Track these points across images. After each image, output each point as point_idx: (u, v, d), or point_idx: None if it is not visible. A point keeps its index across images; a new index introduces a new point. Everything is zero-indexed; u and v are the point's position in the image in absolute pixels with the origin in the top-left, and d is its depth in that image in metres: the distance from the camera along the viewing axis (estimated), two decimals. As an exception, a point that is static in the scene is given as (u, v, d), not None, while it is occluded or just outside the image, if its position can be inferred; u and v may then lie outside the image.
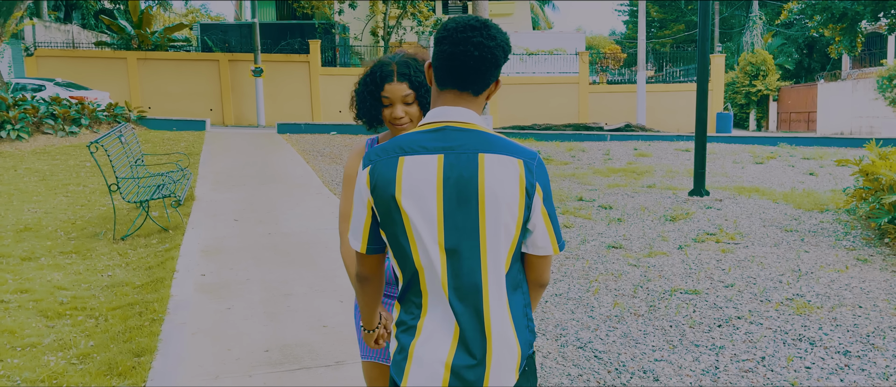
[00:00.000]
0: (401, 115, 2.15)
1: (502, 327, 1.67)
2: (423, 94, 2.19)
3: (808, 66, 37.38)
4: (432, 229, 1.62)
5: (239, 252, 6.24)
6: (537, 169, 1.66)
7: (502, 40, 1.67)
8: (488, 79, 1.68)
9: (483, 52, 1.63)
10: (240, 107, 24.50)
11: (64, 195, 9.37)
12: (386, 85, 2.15)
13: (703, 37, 9.73)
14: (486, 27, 1.65)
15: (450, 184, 1.60)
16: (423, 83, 2.18)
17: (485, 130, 1.68)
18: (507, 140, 1.68)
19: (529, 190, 1.64)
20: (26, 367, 3.84)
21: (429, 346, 1.67)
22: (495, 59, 1.66)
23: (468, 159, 1.61)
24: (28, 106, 14.58)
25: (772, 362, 4.05)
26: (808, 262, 6.28)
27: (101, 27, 29.96)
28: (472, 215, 1.61)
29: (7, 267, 5.88)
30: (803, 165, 13.84)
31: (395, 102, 2.16)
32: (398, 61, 2.18)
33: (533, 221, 1.66)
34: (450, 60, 1.64)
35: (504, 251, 1.65)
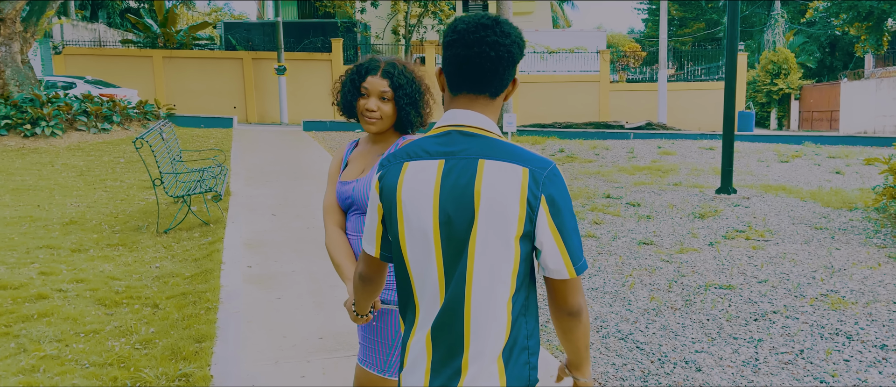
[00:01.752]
0: (373, 108, 2.24)
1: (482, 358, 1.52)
2: (401, 96, 2.26)
3: (831, 64, 37.08)
4: (427, 238, 1.53)
5: (280, 245, 6.42)
6: (547, 179, 1.50)
7: (516, 37, 1.57)
8: (506, 79, 1.58)
9: (499, 51, 1.53)
10: (263, 104, 24.77)
11: (103, 190, 9.61)
12: (368, 77, 2.27)
13: (731, 35, 9.78)
14: (498, 24, 1.55)
15: (446, 191, 1.51)
16: (403, 86, 2.26)
17: (494, 135, 1.56)
18: (517, 147, 1.55)
19: (531, 201, 1.48)
20: (93, 351, 4.03)
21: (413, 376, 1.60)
22: (512, 58, 1.56)
23: (467, 165, 1.51)
24: (61, 103, 14.89)
25: (810, 355, 4.15)
26: (839, 259, 6.35)
27: (126, 26, 30.41)
28: (469, 227, 1.49)
29: (60, 258, 6.09)
30: (829, 163, 13.83)
31: (372, 94, 2.25)
32: (386, 60, 2.30)
33: (540, 238, 1.49)
34: (464, 64, 1.53)
35: (506, 269, 1.50)
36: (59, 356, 3.96)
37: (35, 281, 5.33)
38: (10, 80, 15.20)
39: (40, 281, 5.33)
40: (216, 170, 8.30)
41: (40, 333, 4.29)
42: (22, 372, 3.76)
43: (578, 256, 1.51)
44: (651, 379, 3.80)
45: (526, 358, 1.56)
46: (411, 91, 2.28)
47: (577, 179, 11.48)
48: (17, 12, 15.08)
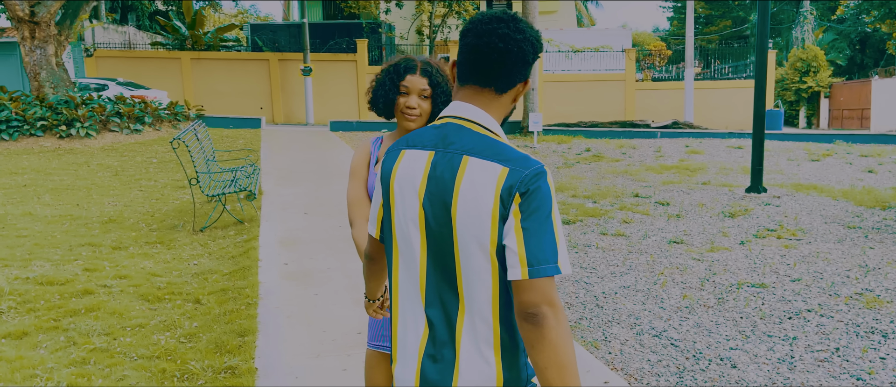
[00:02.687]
0: (414, 105, 2.34)
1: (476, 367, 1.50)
2: (439, 94, 2.37)
3: (862, 62, 36.48)
4: (413, 228, 1.54)
5: (315, 243, 6.53)
6: (526, 179, 1.44)
7: (532, 35, 1.54)
8: (514, 75, 1.54)
9: (508, 44, 1.50)
10: (289, 105, 25.03)
11: (138, 189, 9.82)
12: (408, 75, 2.36)
13: (761, 33, 9.72)
14: (514, 20, 1.53)
15: (431, 184, 1.51)
16: (440, 84, 2.37)
17: (488, 132, 1.53)
18: (507, 147, 1.50)
19: (504, 199, 1.43)
20: (140, 344, 4.16)
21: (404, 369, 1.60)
22: (522, 54, 1.52)
23: (452, 160, 1.50)
24: (95, 105, 15.21)
25: (846, 353, 4.15)
26: (874, 258, 6.30)
27: (155, 28, 30.91)
28: (448, 222, 1.48)
29: (102, 255, 6.27)
30: (861, 162, 13.65)
31: (412, 92, 2.35)
32: (423, 60, 2.41)
33: (508, 238, 1.43)
34: (473, 53, 1.52)
35: (485, 270, 1.47)
36: (108, 349, 4.10)
37: (80, 277, 5.49)
38: (44, 82, 15.56)
39: (85, 277, 5.50)
40: (249, 169, 8.45)
41: (88, 327, 4.43)
42: (73, 364, 3.90)
43: (539, 259, 1.41)
44: (686, 375, 3.84)
45: (524, 360, 1.53)
46: (447, 88, 2.40)
47: (604, 178, 11.48)
48: (51, 16, 15.43)
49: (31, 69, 15.58)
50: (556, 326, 1.40)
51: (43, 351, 4.09)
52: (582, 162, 13.57)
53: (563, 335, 1.40)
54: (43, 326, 4.47)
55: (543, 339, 1.39)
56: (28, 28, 15.29)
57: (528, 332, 1.40)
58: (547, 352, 1.39)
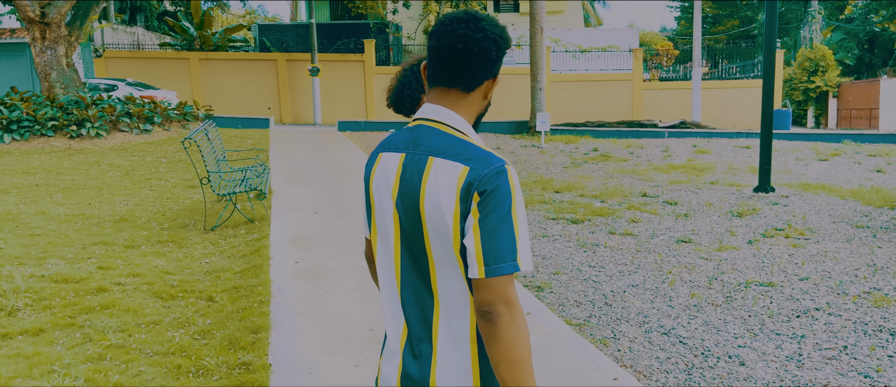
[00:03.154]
0: None
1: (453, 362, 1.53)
2: None
3: (870, 61, 36.33)
4: (388, 229, 1.59)
5: (325, 242, 6.59)
6: (485, 177, 1.45)
7: (493, 33, 1.55)
8: (478, 74, 1.56)
9: (468, 44, 1.52)
10: (297, 105, 25.12)
11: (148, 189, 9.90)
12: None
13: (769, 32, 9.73)
14: (474, 19, 1.54)
15: (402, 186, 1.54)
16: None
17: (455, 131, 1.56)
18: (471, 146, 1.52)
19: (464, 197, 1.46)
20: (155, 341, 4.22)
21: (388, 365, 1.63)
22: (483, 53, 1.54)
23: (419, 161, 1.53)
24: (105, 105, 15.32)
25: (854, 351, 4.17)
26: (882, 257, 6.32)
27: (163, 29, 31.07)
28: (419, 222, 1.52)
29: (115, 254, 6.34)
30: (869, 162, 13.63)
31: None
32: None
33: (468, 236, 1.45)
34: (436, 55, 1.56)
35: (453, 270, 1.51)
36: (123, 345, 4.16)
37: (94, 275, 5.56)
38: (55, 82, 15.68)
39: (99, 275, 5.57)
40: (259, 169, 8.52)
41: (104, 323, 4.50)
42: (90, 360, 3.96)
43: (496, 257, 1.42)
44: (695, 372, 3.87)
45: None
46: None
47: (612, 178, 11.50)
48: (61, 17, 15.55)
49: (42, 70, 15.70)
50: (511, 323, 1.42)
51: (60, 347, 4.16)
52: (589, 162, 13.59)
53: (516, 333, 1.42)
54: (59, 322, 4.54)
55: (497, 336, 1.42)
56: (39, 29, 15.42)
57: (484, 328, 1.43)
58: (500, 348, 1.42)
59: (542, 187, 10.44)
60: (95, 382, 3.65)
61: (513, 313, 1.43)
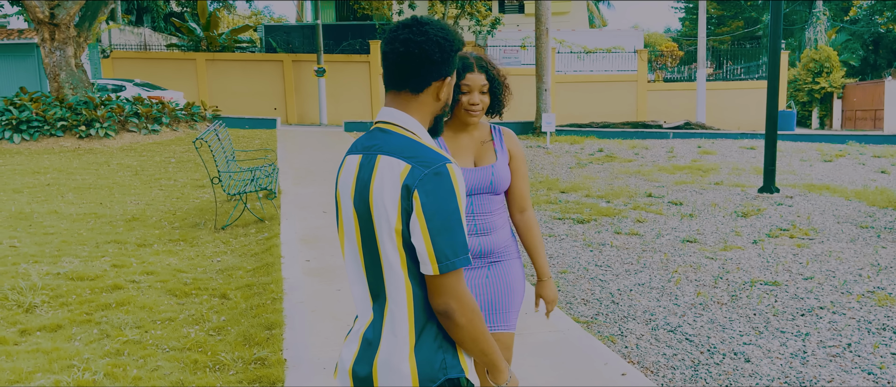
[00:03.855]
0: (477, 101, 2.43)
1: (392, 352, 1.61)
2: (496, 87, 2.48)
3: (875, 62, 36.29)
4: (352, 229, 1.66)
5: (334, 241, 6.67)
6: (424, 177, 1.53)
7: (437, 36, 1.62)
8: (424, 75, 1.64)
9: (409, 47, 1.60)
10: (303, 106, 25.24)
11: (158, 189, 10.01)
12: (467, 74, 2.43)
13: (774, 33, 9.79)
14: (418, 24, 1.63)
15: (358, 185, 1.62)
16: (494, 78, 2.48)
17: (405, 131, 1.64)
18: (417, 144, 1.61)
19: (404, 194, 1.54)
20: (170, 337, 4.31)
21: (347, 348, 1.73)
22: (425, 55, 1.61)
23: (370, 160, 1.61)
24: (114, 105, 15.45)
25: (858, 349, 4.24)
26: (886, 257, 6.38)
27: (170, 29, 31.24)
28: (370, 219, 1.60)
29: (128, 252, 6.44)
30: (874, 163, 13.67)
31: (474, 89, 2.43)
32: (475, 56, 2.48)
33: (414, 235, 1.53)
34: (384, 60, 1.65)
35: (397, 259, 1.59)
36: (140, 341, 4.25)
37: (109, 273, 5.66)
38: (64, 83, 15.81)
39: (114, 273, 5.66)
40: (268, 169, 8.61)
41: (120, 320, 4.59)
42: (108, 355, 4.05)
43: (446, 254, 1.52)
44: (701, 369, 3.95)
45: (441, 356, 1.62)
46: (499, 82, 2.51)
47: (617, 178, 11.57)
48: (70, 18, 15.69)
49: (51, 70, 15.84)
50: (462, 314, 1.57)
51: (78, 343, 4.25)
52: (595, 162, 13.66)
53: (471, 318, 1.58)
54: (76, 319, 4.63)
55: (456, 326, 1.57)
56: (48, 30, 15.55)
57: (443, 321, 1.58)
58: (461, 334, 1.59)
59: (548, 188, 10.52)
60: (115, 376, 3.74)
61: (463, 305, 1.57)
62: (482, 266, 2.53)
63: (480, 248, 2.50)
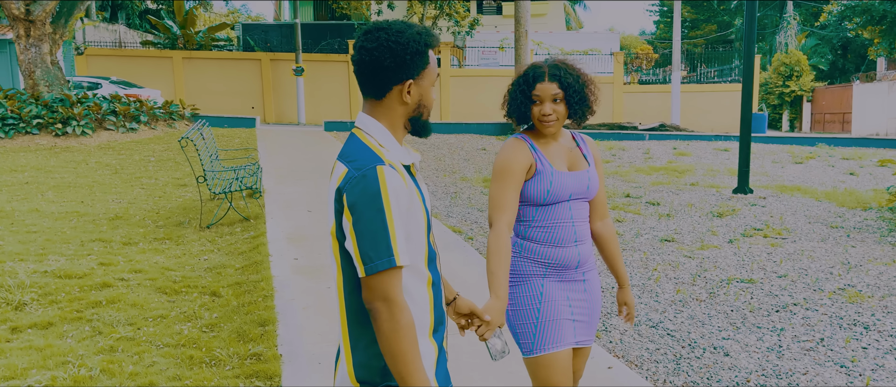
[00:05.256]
0: (549, 112, 2.36)
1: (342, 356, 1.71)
2: (571, 94, 2.37)
3: (843, 66, 37.17)
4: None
5: (322, 239, 6.74)
6: (353, 181, 1.58)
7: (389, 41, 1.65)
8: (381, 81, 1.67)
9: (362, 55, 1.66)
10: (281, 105, 25.17)
11: (140, 187, 9.98)
12: (537, 84, 2.37)
13: (748, 38, 10.05)
14: (373, 31, 1.67)
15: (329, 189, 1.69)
16: (571, 85, 2.36)
17: (365, 135, 1.69)
18: (363, 148, 1.65)
19: (337, 197, 1.60)
20: (164, 334, 4.36)
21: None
22: (376, 61, 1.65)
23: (335, 165, 1.68)
24: (91, 103, 15.30)
25: (830, 343, 4.43)
26: (855, 256, 6.62)
27: (145, 27, 30.91)
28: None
29: (114, 250, 6.45)
30: (843, 164, 14.05)
31: (545, 100, 2.36)
32: (549, 64, 2.40)
33: (347, 240, 1.59)
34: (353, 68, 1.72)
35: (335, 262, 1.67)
36: (133, 338, 4.30)
37: (96, 271, 5.67)
38: (39, 80, 15.63)
39: (101, 271, 5.68)
40: (252, 168, 8.64)
41: (112, 317, 4.62)
42: (101, 352, 4.09)
43: (371, 256, 1.55)
44: (683, 362, 4.11)
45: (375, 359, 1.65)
46: (579, 87, 2.39)
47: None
48: (46, 14, 15.51)
49: (26, 67, 15.64)
50: (389, 319, 1.57)
51: (70, 340, 4.28)
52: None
53: (394, 328, 1.56)
54: (67, 316, 4.66)
55: (379, 331, 1.57)
56: (23, 26, 15.35)
57: (373, 321, 1.59)
58: (382, 342, 1.58)
59: (528, 188, 10.66)
60: (111, 372, 3.79)
61: (391, 309, 1.57)
62: (580, 278, 2.47)
63: (579, 257, 2.44)
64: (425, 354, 1.70)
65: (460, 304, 2.07)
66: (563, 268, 2.42)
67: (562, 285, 2.43)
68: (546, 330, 2.37)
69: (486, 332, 2.10)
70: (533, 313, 2.38)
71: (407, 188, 1.63)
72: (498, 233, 2.30)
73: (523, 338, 2.40)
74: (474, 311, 2.07)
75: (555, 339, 2.38)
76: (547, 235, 2.40)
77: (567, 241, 2.40)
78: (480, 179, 11.64)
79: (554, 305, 2.39)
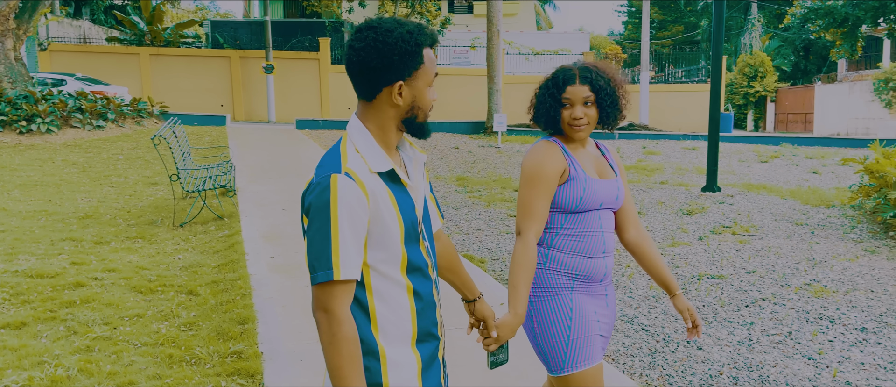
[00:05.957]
0: (580, 115, 2.24)
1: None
2: (603, 97, 2.26)
3: (805, 67, 38.06)
4: None
5: (297, 238, 6.73)
6: (310, 189, 1.58)
7: (376, 42, 1.59)
8: (370, 82, 1.63)
9: (350, 55, 1.63)
10: (250, 103, 24.93)
11: (109, 186, 9.83)
12: (568, 87, 2.25)
13: (717, 39, 10.26)
14: (362, 29, 1.63)
15: None
16: (603, 88, 2.25)
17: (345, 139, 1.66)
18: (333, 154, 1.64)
19: (302, 204, 1.61)
20: (141, 333, 4.33)
21: None
22: (363, 62, 1.61)
23: None
24: (56, 100, 15.00)
25: (798, 336, 4.58)
26: (820, 252, 6.82)
27: (110, 22, 30.34)
28: None
29: (85, 250, 6.35)
30: (806, 163, 14.41)
31: (576, 103, 2.24)
32: (580, 67, 2.29)
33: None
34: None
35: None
36: (110, 338, 4.25)
37: (69, 270, 5.59)
38: (3, 77, 15.27)
39: (74, 271, 5.60)
40: (225, 166, 8.57)
41: (87, 317, 4.57)
42: (78, 352, 4.05)
43: (314, 266, 1.54)
44: (658, 356, 4.20)
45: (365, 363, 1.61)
46: (611, 90, 2.28)
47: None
48: (10, 10, 15.16)
49: (-12, 63, 15.27)
50: (327, 331, 1.54)
51: (45, 340, 4.23)
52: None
53: (331, 341, 1.53)
54: (40, 316, 4.59)
55: (321, 342, 1.55)
56: (-15, 21, 14.99)
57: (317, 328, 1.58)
58: (323, 353, 1.56)
59: (501, 186, 10.75)
60: (89, 372, 3.75)
61: (330, 322, 1.54)
62: (602, 292, 2.36)
63: (605, 270, 2.33)
64: (404, 364, 1.66)
65: (478, 308, 2.04)
66: (590, 280, 2.30)
67: (590, 299, 2.31)
68: (578, 347, 2.24)
69: (491, 345, 2.06)
70: (564, 329, 2.25)
71: (365, 198, 1.57)
72: (526, 244, 2.20)
73: (553, 356, 2.26)
74: (487, 322, 2.05)
75: (586, 355, 2.25)
76: (576, 244, 2.27)
77: (596, 251, 2.28)
78: (454, 178, 11.70)
79: (585, 320, 2.26)
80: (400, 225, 1.63)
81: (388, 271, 1.64)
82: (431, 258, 1.77)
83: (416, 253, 1.69)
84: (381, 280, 1.64)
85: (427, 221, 1.80)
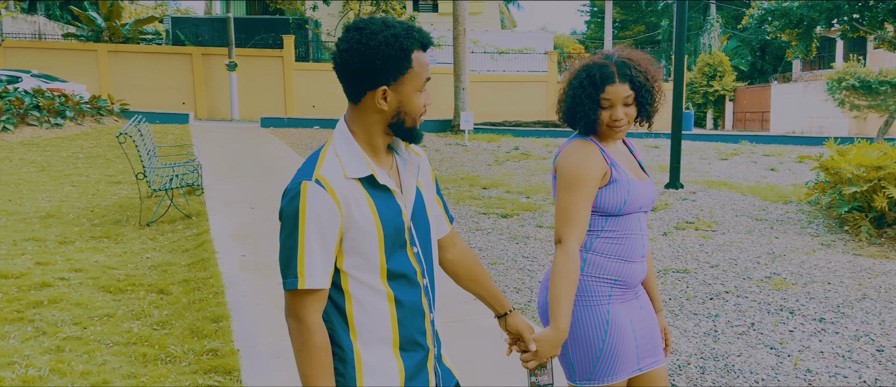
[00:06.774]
0: (621, 116, 2.07)
1: None
2: (643, 95, 2.10)
3: (762, 67, 39.02)
4: None
5: (267, 236, 6.71)
6: (284, 194, 1.56)
7: (359, 44, 1.53)
8: (355, 86, 1.58)
9: (335, 57, 1.58)
10: (212, 100, 24.60)
11: (70, 185, 9.63)
12: (607, 86, 2.06)
13: (679, 39, 10.49)
14: (350, 29, 1.57)
15: None
16: (642, 85, 2.09)
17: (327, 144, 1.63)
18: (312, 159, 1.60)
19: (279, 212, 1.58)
20: (112, 333, 4.28)
21: None
22: (346, 66, 1.55)
23: None
24: (12, 97, 14.62)
25: (760, 327, 4.74)
26: (779, 246, 7.04)
27: (67, 18, 29.61)
28: None
29: (49, 250, 6.24)
30: (764, 161, 14.81)
31: (616, 103, 2.07)
32: (616, 62, 2.09)
33: None
34: None
35: None
36: (80, 338, 4.20)
37: (34, 271, 5.49)
38: (-45, 73, 14.83)
39: (39, 271, 5.50)
40: (191, 164, 8.48)
41: (55, 317, 4.50)
42: (49, 352, 3.99)
43: (283, 273, 1.53)
44: (628, 347, 4.31)
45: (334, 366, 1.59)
46: (650, 87, 2.13)
47: (534, 174, 12.04)
48: (-37, 3, 14.73)
49: (-60, 59, 14.80)
50: (297, 338, 1.53)
51: (13, 341, 4.15)
52: (512, 160, 14.12)
53: (299, 348, 1.53)
54: (7, 317, 4.51)
55: (292, 347, 1.55)
56: (-64, 15, 14.53)
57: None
58: (294, 358, 1.56)
59: (469, 184, 10.83)
60: (61, 372, 3.71)
61: (300, 329, 1.53)
62: (634, 297, 2.22)
63: (643, 274, 2.20)
64: (381, 369, 1.62)
65: (511, 322, 1.94)
66: (628, 286, 2.16)
67: (625, 308, 2.16)
68: (607, 362, 2.13)
69: (530, 361, 1.94)
70: (597, 344, 2.12)
71: (337, 205, 1.52)
72: (568, 253, 2.02)
73: (580, 366, 2.14)
74: (523, 335, 1.94)
75: (612, 370, 2.13)
76: (617, 248, 2.12)
77: (636, 255, 2.14)
78: (422, 176, 11.71)
79: (620, 334, 2.13)
80: (378, 232, 1.58)
81: (366, 278, 1.60)
82: (423, 264, 1.70)
83: (400, 260, 1.64)
84: (358, 287, 1.60)
85: (423, 226, 1.72)
